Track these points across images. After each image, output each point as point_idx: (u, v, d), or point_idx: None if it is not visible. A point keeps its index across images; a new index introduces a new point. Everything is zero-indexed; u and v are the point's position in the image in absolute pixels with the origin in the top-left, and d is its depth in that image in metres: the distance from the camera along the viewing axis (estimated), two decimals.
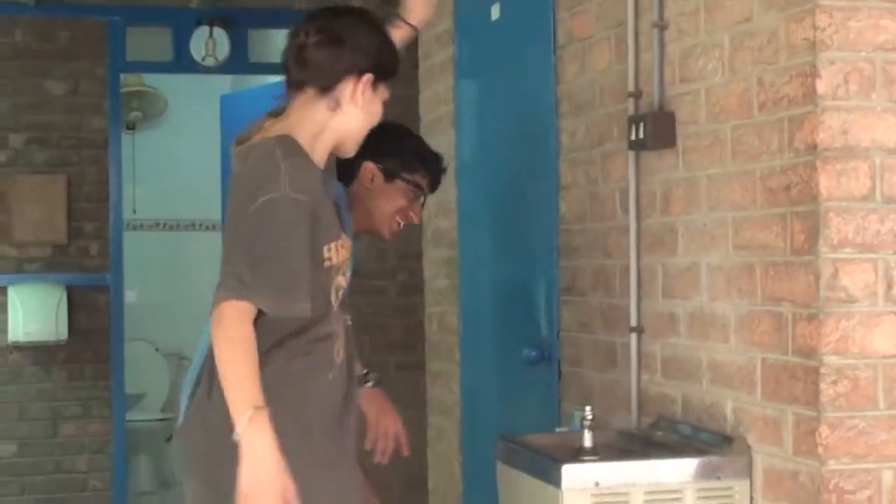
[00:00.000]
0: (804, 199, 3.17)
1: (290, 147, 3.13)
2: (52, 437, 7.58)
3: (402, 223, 3.99)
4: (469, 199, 5.40)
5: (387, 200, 3.94)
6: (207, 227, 9.52)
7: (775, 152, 3.30)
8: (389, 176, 3.94)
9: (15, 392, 7.52)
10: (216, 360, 3.03)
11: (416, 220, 4.02)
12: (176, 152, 9.68)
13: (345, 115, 3.23)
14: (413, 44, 6.10)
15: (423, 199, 4.03)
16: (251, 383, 2.96)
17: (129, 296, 8.29)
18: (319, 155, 3.23)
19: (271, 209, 3.03)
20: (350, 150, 3.32)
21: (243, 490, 2.91)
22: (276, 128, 3.22)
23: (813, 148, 3.13)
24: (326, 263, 3.16)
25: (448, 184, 5.44)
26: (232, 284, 3.03)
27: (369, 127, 3.29)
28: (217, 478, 3.08)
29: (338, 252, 3.21)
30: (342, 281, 3.24)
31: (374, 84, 3.25)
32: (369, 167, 3.91)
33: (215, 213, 8.83)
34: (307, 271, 3.07)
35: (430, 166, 4.02)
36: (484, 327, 5.29)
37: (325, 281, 3.17)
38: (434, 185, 4.06)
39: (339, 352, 3.25)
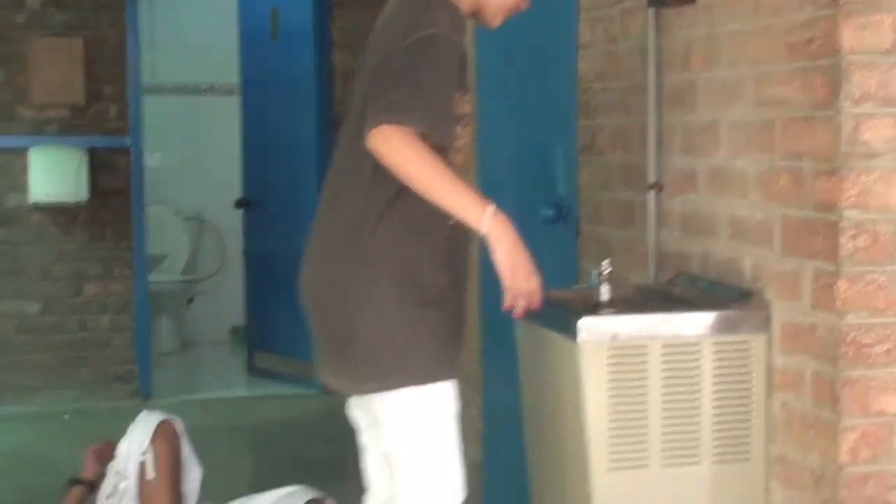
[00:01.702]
0: (826, 53, 3.16)
1: None
2: (76, 296, 7.66)
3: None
4: (488, 60, 5.37)
5: None
6: (227, 91, 9.50)
7: (797, 6, 3.28)
8: None
9: (37, 252, 7.59)
10: (409, 176, 3.07)
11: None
12: (194, 15, 9.62)
13: None
14: None
15: None
16: (463, 186, 3.09)
17: (151, 159, 8.33)
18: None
19: (431, 43, 3.10)
20: (489, 22, 3.39)
21: (506, 267, 3.13)
22: None
23: (835, 1, 3.11)
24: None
25: (466, 43, 5.41)
26: (391, 111, 3.05)
27: (508, 8, 3.33)
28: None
29: (463, 104, 3.25)
30: (459, 132, 3.26)
31: None
32: None
33: (234, 77, 8.82)
34: (454, 105, 3.17)
35: None
36: (503, 187, 5.29)
37: None
38: None
39: None
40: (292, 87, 8.03)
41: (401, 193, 3.18)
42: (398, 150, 3.05)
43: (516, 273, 3.15)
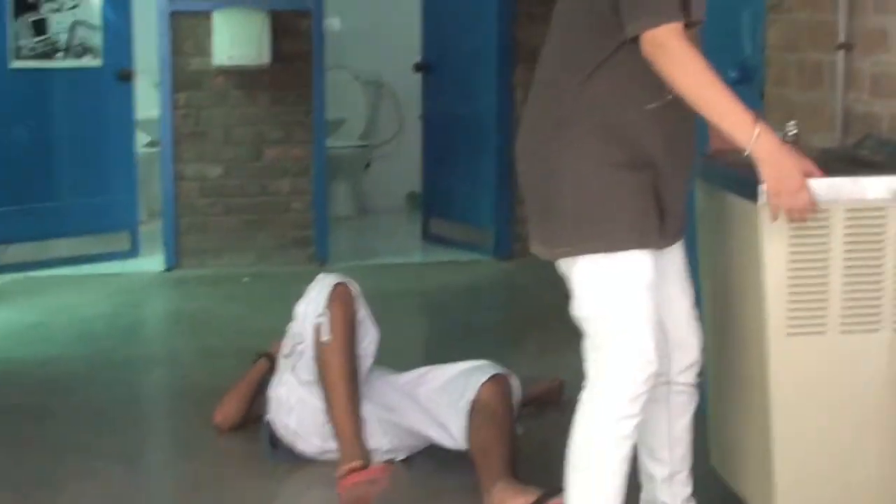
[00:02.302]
0: None
1: None
2: (256, 160, 7.75)
3: None
4: None
5: None
6: None
7: None
8: None
9: (221, 115, 7.68)
10: (681, 87, 3.12)
11: None
12: None
13: None
14: None
15: None
16: (733, 103, 3.11)
17: (331, 23, 8.34)
18: None
19: None
20: None
21: (772, 188, 3.15)
22: None
23: None
24: None
25: None
26: (650, 11, 3.09)
27: None
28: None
29: None
30: None
31: None
32: None
33: None
34: None
35: None
36: None
37: None
38: None
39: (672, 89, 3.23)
40: None
41: (611, 59, 3.20)
42: (674, 60, 3.09)
43: (781, 194, 3.15)
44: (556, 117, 3.26)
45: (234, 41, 7.52)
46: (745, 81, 4.52)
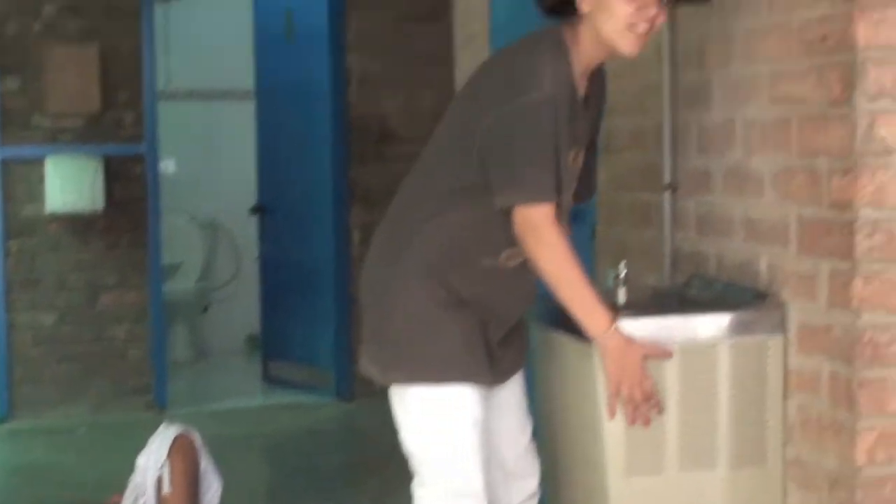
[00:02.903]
0: (841, 49, 3.12)
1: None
2: (92, 306, 7.63)
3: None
4: None
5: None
6: (241, 97, 9.48)
7: (811, 3, 3.25)
8: None
9: (54, 262, 7.56)
10: (544, 271, 3.21)
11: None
12: (208, 21, 9.61)
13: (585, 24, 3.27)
14: None
15: None
16: (591, 296, 3.20)
17: (166, 166, 8.31)
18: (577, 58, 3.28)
19: (537, 110, 3.15)
20: (621, 51, 3.29)
21: (612, 383, 3.24)
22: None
23: None
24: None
25: (482, 48, 5.39)
26: (522, 189, 3.18)
27: (614, 24, 3.21)
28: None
29: (576, 160, 3.35)
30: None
31: None
32: None
33: (248, 82, 8.80)
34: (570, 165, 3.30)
35: None
36: None
37: None
38: None
39: (511, 256, 3.31)
40: (307, 91, 8.01)
41: (458, 209, 3.29)
42: (543, 243, 3.19)
43: (621, 390, 3.24)
44: (396, 250, 3.34)
45: (67, 187, 7.44)
46: (577, 220, 4.58)
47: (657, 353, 3.26)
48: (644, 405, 3.26)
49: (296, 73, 8.07)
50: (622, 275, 3.50)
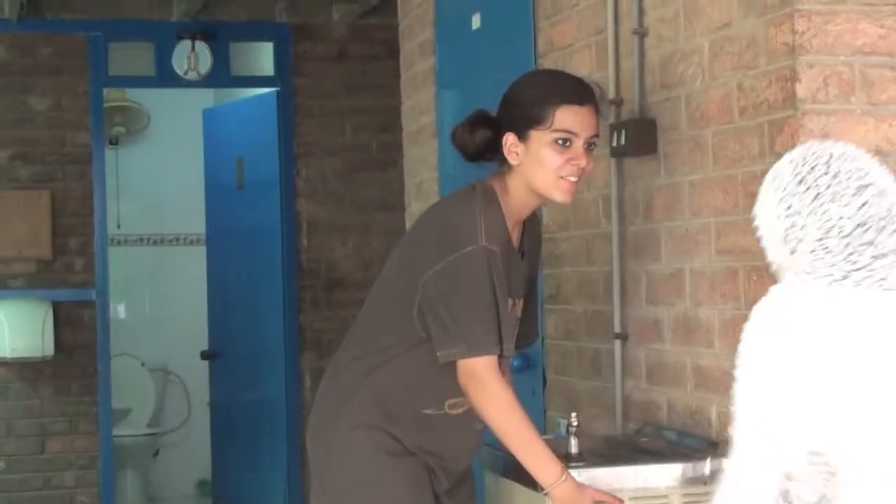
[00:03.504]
0: None
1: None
2: (40, 453, 7.56)
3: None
4: None
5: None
6: (192, 242, 9.51)
7: (756, 157, 3.31)
8: (523, 136, 3.29)
9: (2, 409, 7.50)
10: (490, 422, 3.22)
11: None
12: (159, 167, 9.67)
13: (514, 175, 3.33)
14: (395, 54, 6.14)
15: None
16: (540, 448, 3.19)
17: (115, 311, 8.29)
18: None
19: (474, 261, 3.19)
20: (554, 200, 3.34)
21: None
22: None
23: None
24: None
25: (431, 195, 5.45)
26: (466, 343, 3.19)
27: (545, 174, 3.26)
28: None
29: (517, 309, 3.39)
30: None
31: (521, 137, 3.27)
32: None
33: (199, 228, 8.83)
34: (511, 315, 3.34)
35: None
36: None
37: None
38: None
39: (455, 405, 3.33)
40: (258, 236, 8.04)
41: (399, 359, 3.31)
42: (488, 394, 3.19)
43: None
44: (340, 401, 3.36)
45: (17, 333, 7.41)
46: (528, 368, 4.62)
47: (608, 500, 3.26)
48: None
49: (247, 218, 8.11)
50: (574, 424, 3.51)
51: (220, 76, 7.84)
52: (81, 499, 7.60)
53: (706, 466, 3.38)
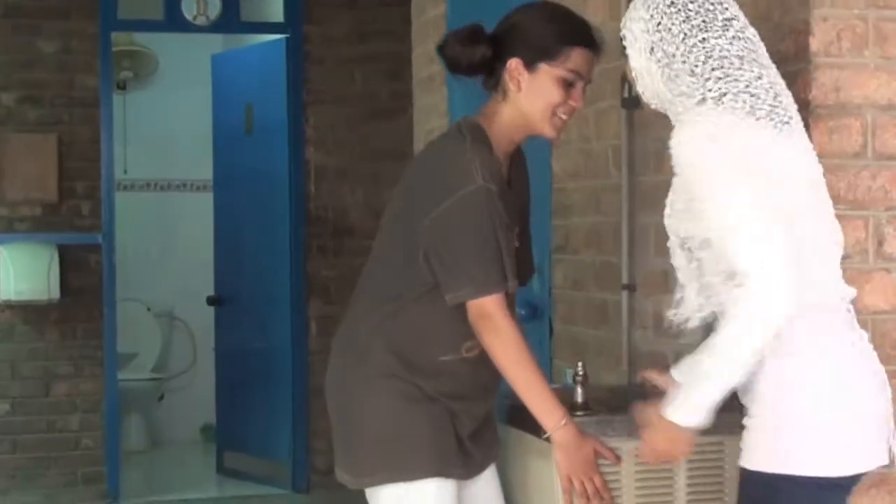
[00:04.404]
0: None
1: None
2: (45, 396, 7.59)
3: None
4: None
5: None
6: (199, 188, 9.51)
7: None
8: (531, 66, 3.27)
9: (7, 351, 7.53)
10: (498, 362, 3.21)
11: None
12: (167, 112, 9.65)
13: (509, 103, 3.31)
14: (406, 1, 6.11)
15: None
16: (544, 390, 3.21)
17: (122, 255, 8.30)
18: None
19: (477, 200, 3.17)
20: (542, 134, 3.34)
21: (563, 475, 3.23)
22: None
23: (806, 105, 3.13)
24: None
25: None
26: (473, 283, 3.19)
27: (543, 107, 3.27)
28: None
29: (514, 239, 3.33)
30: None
31: (529, 66, 3.26)
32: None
33: (207, 173, 8.83)
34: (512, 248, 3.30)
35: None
36: None
37: None
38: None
39: (471, 349, 3.30)
40: (265, 183, 8.04)
41: (412, 306, 3.30)
42: (498, 334, 3.19)
43: (574, 475, 3.23)
44: (356, 352, 3.34)
45: (22, 276, 7.42)
46: (535, 318, 4.63)
47: (606, 454, 3.27)
48: (595, 499, 3.27)
49: (254, 165, 8.11)
50: (580, 373, 3.51)
51: (230, 22, 7.83)
52: (86, 442, 7.64)
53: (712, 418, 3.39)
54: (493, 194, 3.19)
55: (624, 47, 2.95)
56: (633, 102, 3.89)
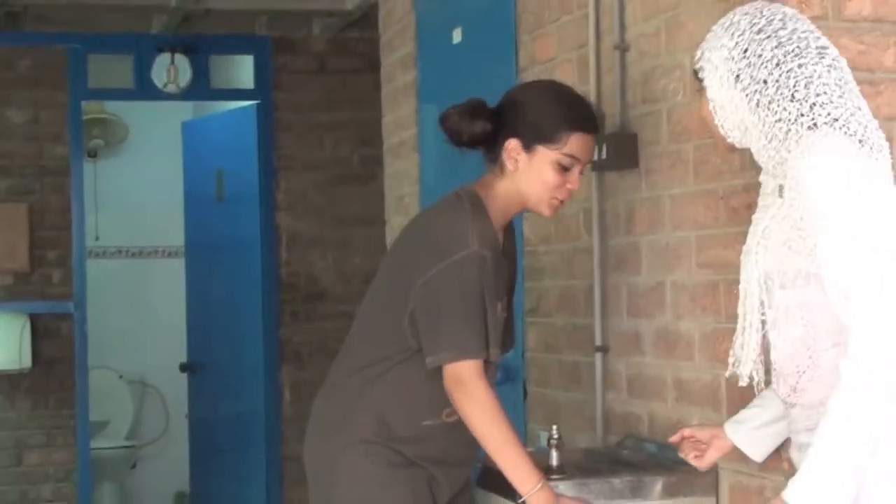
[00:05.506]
0: None
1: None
2: (17, 465, 7.54)
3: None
4: None
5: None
6: (170, 254, 9.50)
7: (737, 171, 3.33)
8: (528, 147, 3.30)
9: None
10: (473, 427, 3.21)
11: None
12: (138, 179, 9.66)
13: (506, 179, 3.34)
14: (376, 68, 6.15)
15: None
16: (519, 453, 3.19)
17: (93, 322, 8.26)
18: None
19: (468, 266, 3.20)
20: (538, 212, 3.39)
21: None
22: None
23: None
24: None
25: (412, 209, 5.46)
26: (452, 347, 3.20)
27: (539, 189, 3.30)
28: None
29: (503, 311, 3.35)
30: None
31: (526, 147, 3.29)
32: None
33: (178, 240, 8.83)
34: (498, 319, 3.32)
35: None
36: None
37: None
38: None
39: (451, 413, 3.31)
40: (237, 249, 8.04)
41: (394, 370, 3.32)
42: (472, 399, 3.19)
43: None
44: (337, 418, 3.35)
45: None
46: (508, 382, 4.63)
47: None
48: None
49: (226, 231, 8.11)
50: (555, 437, 3.52)
51: (200, 89, 7.85)
52: None
53: (687, 479, 3.40)
54: (486, 261, 3.21)
55: (700, 80, 2.82)
56: (603, 164, 3.91)
